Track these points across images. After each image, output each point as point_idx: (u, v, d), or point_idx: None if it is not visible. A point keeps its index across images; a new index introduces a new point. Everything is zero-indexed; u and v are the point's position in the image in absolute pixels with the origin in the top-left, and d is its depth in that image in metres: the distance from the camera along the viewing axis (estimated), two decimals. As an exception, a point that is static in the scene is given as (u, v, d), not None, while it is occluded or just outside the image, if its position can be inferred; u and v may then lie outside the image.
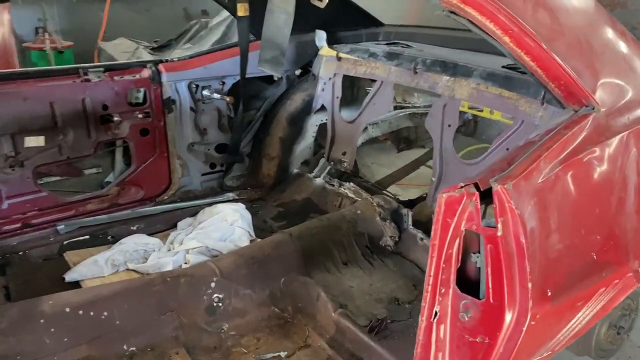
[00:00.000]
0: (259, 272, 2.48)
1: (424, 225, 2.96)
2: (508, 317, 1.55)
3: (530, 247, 1.50)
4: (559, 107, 2.22)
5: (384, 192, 3.29)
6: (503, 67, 2.60)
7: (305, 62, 3.54)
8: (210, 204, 3.26)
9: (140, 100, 3.08)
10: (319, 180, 3.41)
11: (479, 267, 1.62)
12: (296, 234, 2.64)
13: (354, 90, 3.60)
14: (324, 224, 2.74)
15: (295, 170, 3.58)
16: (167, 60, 3.15)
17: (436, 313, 1.66)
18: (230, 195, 3.43)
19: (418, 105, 3.83)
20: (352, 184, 3.26)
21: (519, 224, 1.48)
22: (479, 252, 1.64)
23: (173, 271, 2.41)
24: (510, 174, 1.51)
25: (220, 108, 3.37)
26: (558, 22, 1.76)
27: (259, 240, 2.87)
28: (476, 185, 1.52)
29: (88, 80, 2.86)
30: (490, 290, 1.55)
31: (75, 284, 2.56)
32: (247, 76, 3.22)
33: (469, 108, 3.95)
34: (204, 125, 3.34)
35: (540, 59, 1.71)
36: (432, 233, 1.60)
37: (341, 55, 3.27)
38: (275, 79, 3.56)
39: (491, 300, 1.56)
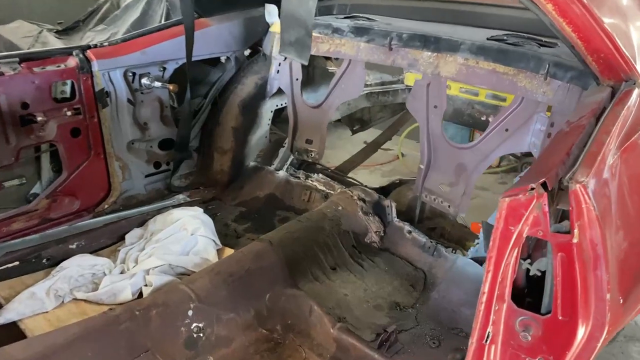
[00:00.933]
0: (240, 290, 2.13)
1: (404, 215, 2.72)
2: (580, 332, 1.33)
3: (607, 252, 1.28)
4: (566, 82, 2.05)
5: (356, 182, 3.01)
6: (488, 39, 2.38)
7: (255, 41, 3.16)
8: (159, 210, 2.84)
9: (68, 95, 2.58)
10: (281, 173, 3.07)
11: (532, 277, 1.40)
12: (277, 240, 2.30)
13: (309, 71, 3.26)
14: (305, 226, 2.42)
15: (252, 163, 3.22)
16: (96, 46, 2.64)
17: (489, 334, 1.42)
18: (181, 197, 3.01)
19: (369, 83, 3.56)
20: (320, 175, 2.95)
21: (597, 227, 1.25)
22: (529, 259, 1.41)
23: (141, 302, 2.00)
24: (582, 168, 1.27)
25: (162, 98, 2.92)
26: (600, -14, 1.54)
27: (231, 250, 2.50)
28: (544, 185, 1.26)
29: (1, 74, 2.32)
30: (559, 305, 1.33)
31: (12, 326, 2.09)
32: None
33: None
34: (145, 119, 2.89)
35: (584, 29, 1.48)
36: (490, 243, 1.33)
37: (298, 32, 2.92)
38: (222, 60, 3.15)
39: (559, 316, 1.33)
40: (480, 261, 2.28)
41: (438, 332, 2.11)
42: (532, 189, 1.24)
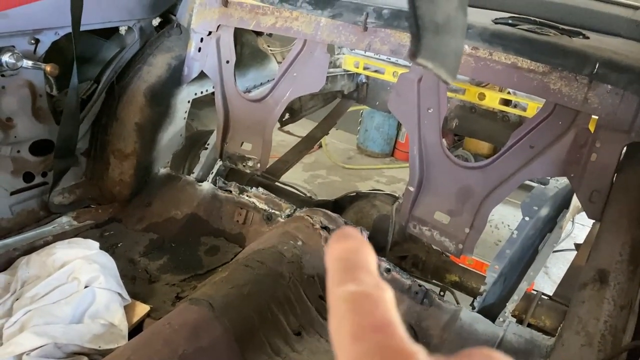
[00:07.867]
0: (172, 387, 1.41)
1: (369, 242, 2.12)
2: None
3: None
4: (620, 87, 1.54)
5: (303, 194, 2.35)
6: (494, 21, 1.83)
7: (167, 7, 2.35)
8: (32, 243, 2.02)
9: None
10: (206, 186, 2.32)
11: None
12: (219, 302, 1.58)
13: (237, 50, 2.51)
14: (257, 274, 1.72)
15: (163, 170, 2.43)
16: None
17: None
18: (64, 220, 2.17)
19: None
20: (261, 188, 2.25)
21: None
22: None
23: None
24: None
25: (35, 83, 2.04)
26: None
27: (145, 307, 1.76)
28: None
29: None
30: None
31: None
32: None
33: (364, 68, 3.17)
34: (9, 112, 1.99)
35: None
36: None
37: (230, -3, 2.17)
38: (120, 31, 2.30)
39: None
40: (491, 314, 1.75)
41: None
42: None
